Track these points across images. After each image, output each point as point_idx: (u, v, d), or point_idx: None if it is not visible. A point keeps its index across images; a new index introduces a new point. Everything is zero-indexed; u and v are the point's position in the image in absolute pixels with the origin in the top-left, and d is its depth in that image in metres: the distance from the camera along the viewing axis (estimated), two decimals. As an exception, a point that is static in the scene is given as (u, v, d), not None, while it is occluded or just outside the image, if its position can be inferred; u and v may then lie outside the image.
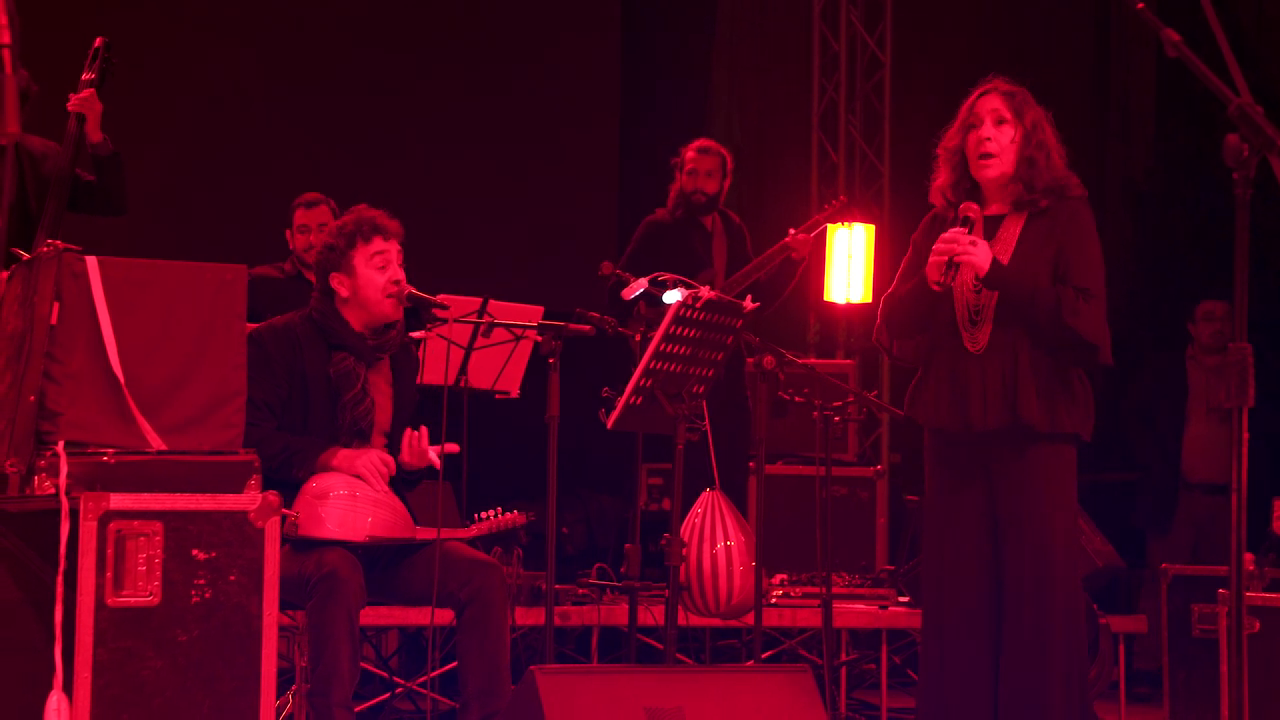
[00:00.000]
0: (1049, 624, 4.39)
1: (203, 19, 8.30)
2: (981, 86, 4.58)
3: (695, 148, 7.07)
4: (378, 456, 4.55)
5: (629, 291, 5.32)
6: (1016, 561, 4.42)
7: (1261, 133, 2.94)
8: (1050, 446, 4.46)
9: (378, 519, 4.49)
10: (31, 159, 5.32)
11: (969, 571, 4.46)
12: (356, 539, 4.44)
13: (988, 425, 4.43)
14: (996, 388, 4.43)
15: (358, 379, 4.65)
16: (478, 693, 4.47)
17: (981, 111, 4.53)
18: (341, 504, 4.45)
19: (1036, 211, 4.50)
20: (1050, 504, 4.44)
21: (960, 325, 4.50)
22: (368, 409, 4.65)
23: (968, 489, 4.49)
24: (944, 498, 4.53)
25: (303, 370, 4.64)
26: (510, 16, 8.98)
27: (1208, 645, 5.67)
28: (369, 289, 4.68)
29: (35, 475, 3.61)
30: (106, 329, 3.70)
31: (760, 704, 4.23)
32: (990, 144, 4.48)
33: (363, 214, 4.74)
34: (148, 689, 3.57)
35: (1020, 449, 4.45)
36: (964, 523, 4.48)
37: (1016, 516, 4.43)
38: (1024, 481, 4.44)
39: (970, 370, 4.46)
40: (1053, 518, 4.43)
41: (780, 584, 6.63)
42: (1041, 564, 4.40)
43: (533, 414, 5.01)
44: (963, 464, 4.50)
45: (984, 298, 4.48)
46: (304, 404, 4.63)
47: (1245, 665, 3.08)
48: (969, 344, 4.48)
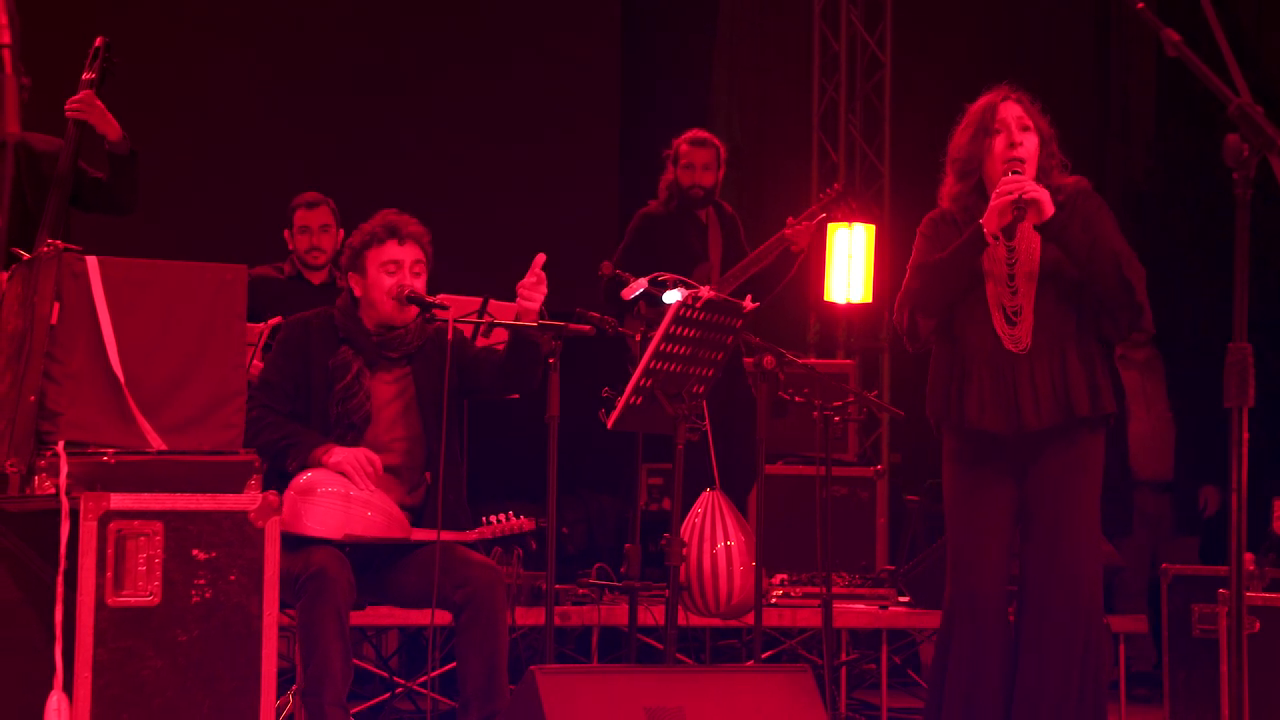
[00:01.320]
0: (1083, 611, 4.42)
1: (203, 19, 8.30)
2: (994, 92, 4.56)
3: (688, 140, 6.99)
4: (363, 454, 4.56)
5: (629, 291, 5.31)
6: (1048, 548, 4.43)
7: (1261, 133, 2.94)
8: (1091, 435, 4.49)
9: (362, 518, 4.49)
10: (31, 157, 5.31)
11: (997, 560, 4.48)
12: (333, 537, 4.45)
13: (1042, 425, 4.43)
14: (1047, 388, 4.43)
15: (349, 371, 4.67)
16: (476, 694, 4.47)
17: (1007, 118, 4.51)
18: (326, 501, 4.46)
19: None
20: (1088, 492, 4.47)
21: (998, 326, 4.48)
22: (360, 403, 4.66)
23: (1000, 484, 4.50)
24: (975, 493, 4.51)
25: (309, 361, 4.70)
26: (510, 17, 8.98)
27: (1208, 645, 5.67)
28: (376, 291, 4.73)
29: (35, 475, 3.61)
30: (107, 329, 3.70)
31: (760, 704, 4.23)
32: (1021, 149, 4.48)
33: (384, 218, 4.80)
34: (148, 689, 3.57)
35: (1068, 439, 4.46)
36: (992, 515, 4.48)
37: (1052, 506, 4.45)
38: (1065, 468, 4.46)
39: (1017, 371, 4.44)
40: (1090, 507, 4.47)
41: (780, 584, 6.63)
42: (1072, 555, 4.43)
43: (533, 414, 5.01)
44: (998, 461, 4.50)
45: (1021, 297, 4.47)
46: (308, 395, 4.69)
47: (1245, 665, 3.07)
48: (1010, 344, 4.46)
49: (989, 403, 4.47)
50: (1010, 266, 4.50)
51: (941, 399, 4.56)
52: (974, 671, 4.47)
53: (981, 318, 4.50)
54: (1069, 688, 4.40)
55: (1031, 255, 4.50)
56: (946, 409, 4.54)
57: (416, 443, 4.75)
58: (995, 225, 4.38)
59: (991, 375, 4.48)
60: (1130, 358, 7.87)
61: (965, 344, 4.53)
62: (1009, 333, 4.48)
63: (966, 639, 4.49)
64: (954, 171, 4.60)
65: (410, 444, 4.74)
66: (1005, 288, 4.49)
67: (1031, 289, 4.47)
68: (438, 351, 4.79)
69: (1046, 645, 4.41)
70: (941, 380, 4.57)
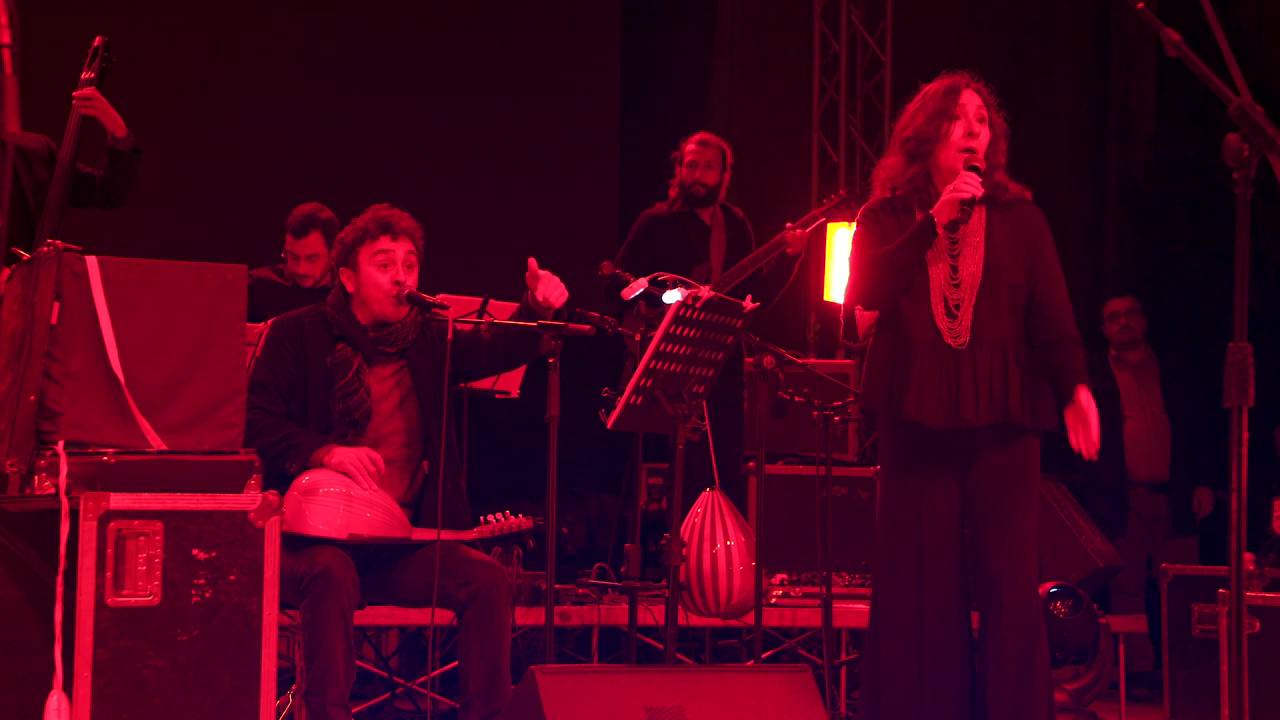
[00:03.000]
0: (1033, 612, 4.42)
1: (203, 19, 8.29)
2: (955, 76, 4.54)
3: (695, 140, 7.07)
4: (365, 454, 4.56)
5: (629, 291, 5.31)
6: (997, 551, 4.43)
7: (1262, 132, 2.94)
8: (1029, 439, 4.50)
9: (364, 518, 4.48)
10: (24, 157, 5.31)
11: (947, 559, 4.46)
12: (338, 537, 4.44)
13: (980, 421, 4.43)
14: (986, 385, 4.42)
15: (350, 369, 4.67)
16: (478, 693, 4.46)
17: (967, 106, 4.50)
18: (329, 501, 4.45)
19: (995, 205, 4.51)
20: (1027, 494, 4.48)
21: (938, 318, 4.46)
22: (361, 399, 4.66)
23: (942, 478, 4.47)
24: (915, 485, 4.48)
25: (305, 360, 4.68)
26: (510, 17, 8.98)
27: (1208, 645, 5.68)
28: (370, 287, 4.71)
29: (35, 475, 3.61)
30: (107, 329, 3.70)
31: (760, 704, 4.23)
32: (976, 141, 4.46)
33: (376, 213, 4.78)
34: (148, 688, 3.57)
35: (1005, 440, 4.46)
36: (940, 511, 4.46)
37: (996, 506, 4.45)
38: (1005, 471, 4.46)
39: (959, 366, 4.43)
40: (1030, 508, 4.47)
41: (780, 584, 6.62)
42: (1019, 554, 4.43)
43: (533, 414, 5.00)
44: (939, 454, 4.48)
45: (962, 291, 4.46)
46: (304, 394, 4.67)
47: (1245, 665, 3.07)
48: (949, 337, 4.45)
49: (929, 395, 4.44)
50: (953, 259, 4.49)
51: (882, 388, 4.51)
52: (936, 673, 4.45)
53: (924, 311, 4.47)
54: (1039, 683, 4.41)
55: (975, 252, 4.48)
56: (887, 399, 4.49)
57: (414, 434, 4.74)
58: (947, 217, 4.37)
59: (933, 366, 4.45)
60: (1125, 359, 7.88)
61: (908, 333, 4.49)
62: (948, 325, 4.46)
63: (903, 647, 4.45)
64: (904, 152, 4.56)
65: (408, 435, 4.74)
66: (948, 281, 4.48)
67: (975, 287, 4.46)
68: (431, 342, 4.79)
69: (1014, 640, 4.39)
70: (882, 369, 4.52)
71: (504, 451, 6.89)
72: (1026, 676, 4.40)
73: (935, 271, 4.47)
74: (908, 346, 4.48)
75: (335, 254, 4.85)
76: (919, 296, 4.47)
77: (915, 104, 4.56)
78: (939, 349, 4.45)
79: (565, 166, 9.02)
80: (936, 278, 4.47)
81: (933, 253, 4.48)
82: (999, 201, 4.51)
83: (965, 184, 4.36)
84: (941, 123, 4.49)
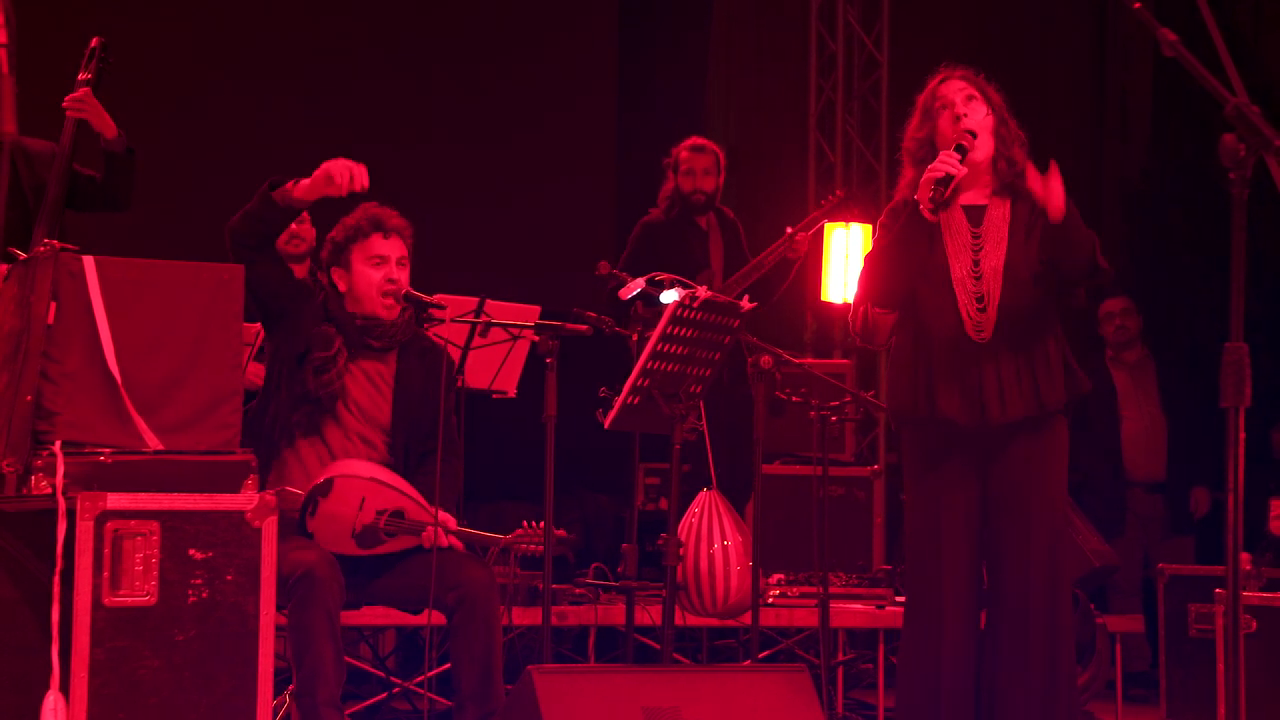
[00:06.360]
0: (1059, 599, 4.41)
1: (201, 18, 8.30)
2: (938, 75, 4.56)
3: (688, 146, 7.02)
4: (344, 163, 4.60)
5: (626, 291, 5.31)
6: (1022, 540, 4.41)
7: (1258, 133, 2.94)
8: (1055, 423, 4.48)
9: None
10: (27, 158, 5.31)
11: (963, 554, 4.45)
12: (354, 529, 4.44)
13: (1007, 417, 4.41)
14: (1013, 380, 4.40)
15: (330, 346, 4.62)
16: (471, 695, 4.45)
17: (948, 94, 4.50)
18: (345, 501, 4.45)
19: (1018, 196, 4.49)
20: (1057, 481, 4.46)
21: (963, 312, 4.44)
22: (332, 379, 4.60)
23: (963, 475, 4.46)
24: (937, 484, 4.47)
25: (300, 314, 4.66)
26: (507, 15, 8.98)
27: (1204, 645, 5.68)
28: (363, 286, 4.70)
29: (32, 475, 3.61)
30: (103, 329, 3.70)
31: (757, 704, 4.23)
32: (968, 120, 4.45)
33: (366, 211, 4.76)
34: (144, 688, 3.57)
35: (1034, 429, 4.44)
36: (957, 507, 4.45)
37: (1021, 495, 4.43)
38: (1030, 460, 4.44)
39: (982, 362, 4.41)
40: (1055, 493, 4.46)
41: (777, 584, 6.62)
42: (1043, 540, 4.41)
43: (530, 414, 5.00)
44: (962, 452, 4.47)
45: (984, 284, 4.45)
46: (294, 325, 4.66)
47: (1242, 665, 3.08)
48: (973, 331, 4.43)
49: (955, 394, 4.42)
50: (975, 253, 4.48)
51: (906, 390, 4.49)
52: (951, 664, 4.44)
53: (946, 306, 4.45)
54: (1059, 671, 4.40)
55: (998, 247, 4.48)
56: (912, 400, 4.47)
57: (380, 439, 4.69)
58: (925, 196, 4.34)
59: (957, 364, 4.43)
60: (1122, 359, 7.89)
61: (928, 332, 4.47)
62: (975, 319, 4.43)
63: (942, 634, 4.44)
64: (910, 161, 4.57)
65: (375, 438, 4.68)
66: (970, 274, 4.47)
67: (998, 281, 4.44)
68: (423, 357, 4.75)
69: (1035, 625, 4.38)
70: (905, 370, 4.51)
71: (501, 452, 6.89)
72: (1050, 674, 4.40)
73: (957, 265, 4.46)
74: (930, 344, 4.47)
75: (325, 253, 4.81)
76: (942, 293, 4.46)
77: (911, 116, 4.59)
78: (963, 344, 4.43)
79: (561, 166, 9.02)
80: (958, 271, 4.46)
81: (954, 247, 4.47)
82: (1021, 191, 4.48)
83: (941, 162, 4.34)
84: (931, 122, 4.51)
